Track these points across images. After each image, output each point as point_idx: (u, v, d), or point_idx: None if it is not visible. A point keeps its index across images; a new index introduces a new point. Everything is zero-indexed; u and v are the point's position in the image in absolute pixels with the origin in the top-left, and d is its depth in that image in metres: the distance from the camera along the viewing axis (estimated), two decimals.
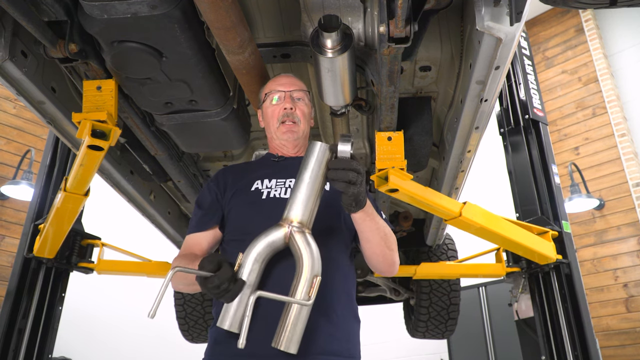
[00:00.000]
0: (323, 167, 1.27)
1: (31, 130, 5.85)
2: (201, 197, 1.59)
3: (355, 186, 1.23)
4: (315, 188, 1.26)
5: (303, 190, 1.26)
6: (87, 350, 6.45)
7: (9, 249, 5.34)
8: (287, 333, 1.17)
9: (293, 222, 1.25)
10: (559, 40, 7.00)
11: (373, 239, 1.43)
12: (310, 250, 1.22)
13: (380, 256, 1.47)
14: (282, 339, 1.16)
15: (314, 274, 1.20)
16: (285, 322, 1.18)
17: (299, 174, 1.28)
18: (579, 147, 6.44)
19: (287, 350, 1.16)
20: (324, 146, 1.29)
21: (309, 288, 1.18)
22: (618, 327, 5.59)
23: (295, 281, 1.21)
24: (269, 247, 1.24)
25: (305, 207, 1.25)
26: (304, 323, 1.19)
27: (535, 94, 3.29)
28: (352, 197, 1.26)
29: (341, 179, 1.22)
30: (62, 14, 1.47)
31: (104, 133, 1.72)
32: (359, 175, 1.24)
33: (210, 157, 2.76)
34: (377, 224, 1.41)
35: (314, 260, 1.22)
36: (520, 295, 3.14)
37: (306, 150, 1.31)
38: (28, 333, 2.61)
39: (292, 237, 1.24)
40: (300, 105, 1.65)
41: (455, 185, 2.54)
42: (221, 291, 1.14)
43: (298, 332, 1.18)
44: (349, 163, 1.23)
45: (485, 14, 1.44)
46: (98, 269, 3.05)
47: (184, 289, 1.44)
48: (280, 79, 1.70)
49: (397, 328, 5.62)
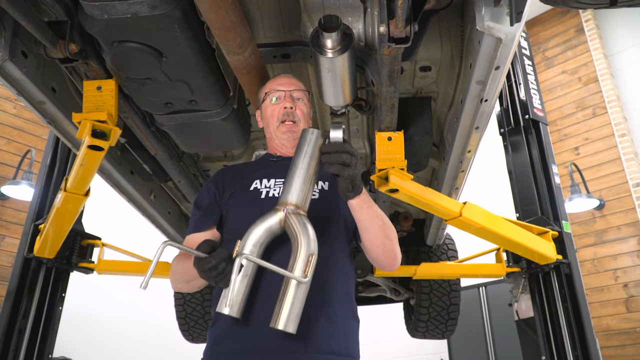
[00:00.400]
0: (317, 152, 1.28)
1: (31, 130, 5.86)
2: (200, 198, 1.59)
3: (350, 168, 1.24)
4: (309, 172, 1.27)
5: (296, 174, 1.27)
6: (87, 351, 6.45)
7: (9, 249, 5.35)
8: (286, 311, 1.15)
9: (288, 205, 1.25)
10: (559, 41, 7.00)
11: (371, 228, 1.42)
12: (305, 230, 1.22)
13: (380, 247, 1.46)
14: (280, 317, 1.14)
15: (310, 252, 1.20)
16: (283, 301, 1.16)
17: (292, 160, 1.30)
18: (579, 147, 6.44)
19: (286, 329, 1.14)
20: (316, 132, 1.30)
21: (305, 266, 1.18)
22: (618, 327, 5.59)
23: (292, 259, 1.20)
24: (266, 232, 1.24)
25: (300, 190, 1.26)
26: (302, 302, 1.17)
27: (536, 94, 3.29)
28: (348, 180, 1.26)
29: (335, 161, 1.22)
30: (62, 14, 1.47)
31: (104, 133, 1.72)
32: (353, 158, 1.25)
33: (211, 157, 2.76)
34: (374, 212, 1.41)
35: (310, 239, 1.21)
36: (521, 295, 3.14)
37: (299, 138, 1.32)
38: (28, 333, 2.62)
39: (288, 218, 1.24)
40: (300, 105, 1.65)
41: (455, 186, 2.54)
42: (218, 273, 1.15)
43: (296, 311, 1.16)
44: (341, 146, 1.24)
45: (485, 14, 1.44)
46: (98, 269, 3.05)
47: (183, 287, 1.44)
48: (280, 79, 1.70)
49: (397, 328, 5.61)
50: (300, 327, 1.24)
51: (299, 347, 1.27)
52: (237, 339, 1.28)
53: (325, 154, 1.25)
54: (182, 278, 1.40)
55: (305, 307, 1.18)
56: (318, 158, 1.28)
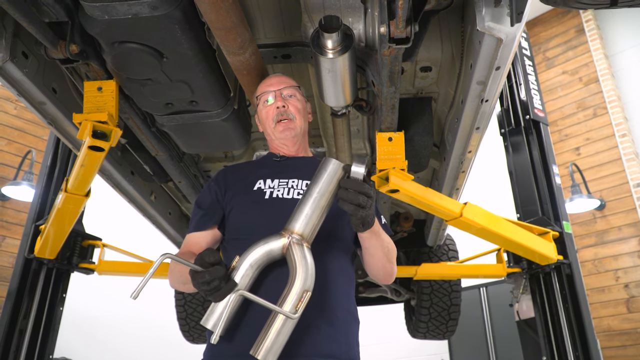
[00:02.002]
0: (334, 185, 1.26)
1: (32, 131, 5.86)
2: (201, 197, 1.58)
3: (364, 209, 1.23)
4: (322, 204, 1.25)
5: (309, 204, 1.25)
6: (87, 351, 6.45)
7: (10, 250, 5.35)
8: (268, 343, 1.13)
9: (294, 233, 1.23)
10: (559, 41, 7.00)
11: (376, 254, 1.45)
12: (305, 264, 1.20)
13: (381, 269, 1.50)
14: (261, 347, 1.13)
15: (305, 288, 1.17)
16: (268, 331, 1.14)
17: (308, 188, 1.28)
18: (579, 147, 6.43)
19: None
20: (337, 164, 1.27)
21: (298, 301, 1.15)
22: (619, 328, 5.59)
23: (286, 291, 1.18)
24: (266, 255, 1.23)
25: (308, 221, 1.24)
26: (286, 336, 1.15)
27: (536, 94, 3.29)
28: (360, 220, 1.26)
29: (351, 201, 1.21)
30: (63, 14, 1.47)
31: (104, 134, 1.72)
32: (369, 200, 1.23)
33: (211, 157, 2.76)
34: (382, 241, 1.43)
35: (308, 274, 1.19)
36: (521, 295, 3.13)
37: (319, 165, 1.29)
38: (29, 334, 2.62)
39: (290, 248, 1.22)
40: (292, 101, 1.65)
41: (456, 186, 2.54)
42: (211, 288, 1.13)
43: (278, 344, 1.14)
44: (360, 185, 1.22)
45: (485, 15, 1.44)
46: (99, 269, 3.05)
47: (180, 287, 1.44)
48: (269, 80, 1.70)
49: (398, 329, 5.61)
50: (301, 331, 1.24)
51: (300, 352, 1.26)
52: (237, 342, 1.28)
53: (342, 190, 1.23)
54: (179, 279, 1.39)
55: (307, 311, 1.17)
56: (334, 191, 1.26)
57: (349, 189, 1.22)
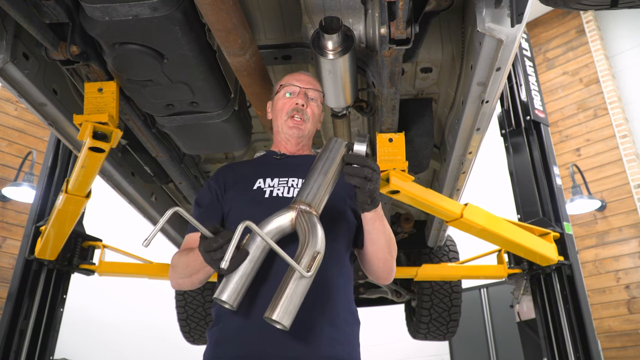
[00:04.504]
0: (338, 161, 1.28)
1: (32, 132, 5.86)
2: (201, 196, 1.57)
3: (371, 182, 1.24)
4: (328, 177, 1.27)
5: (315, 177, 1.27)
6: (88, 352, 6.45)
7: (11, 251, 5.35)
8: (283, 303, 1.09)
9: (302, 204, 1.24)
10: (560, 42, 7.00)
11: (379, 242, 1.43)
12: (315, 228, 1.20)
13: (382, 261, 1.48)
14: (275, 308, 1.09)
15: (317, 249, 1.17)
16: (282, 292, 1.11)
17: (313, 164, 1.30)
18: (580, 148, 6.43)
19: (281, 320, 1.08)
20: (339, 141, 1.30)
21: (310, 261, 1.14)
22: (620, 329, 5.58)
23: (298, 252, 1.17)
24: (276, 229, 1.23)
25: (316, 193, 1.25)
26: (300, 297, 1.12)
27: (537, 95, 3.29)
28: (368, 194, 1.27)
29: (357, 174, 1.23)
30: (64, 16, 1.47)
31: (105, 135, 1.73)
32: (375, 173, 1.25)
33: (212, 158, 2.77)
34: (385, 227, 1.42)
35: (318, 237, 1.19)
36: (522, 296, 3.13)
37: (324, 146, 1.32)
38: (29, 335, 2.62)
39: (299, 216, 1.23)
40: (312, 105, 1.64)
41: (456, 187, 2.54)
42: (224, 253, 1.10)
43: (294, 305, 1.11)
44: (364, 160, 1.24)
45: (486, 16, 1.44)
46: (99, 270, 3.05)
47: (184, 282, 1.41)
48: (299, 75, 1.68)
49: (399, 330, 5.61)
50: (303, 332, 1.23)
51: (301, 353, 1.26)
52: (238, 343, 1.27)
53: (348, 165, 1.25)
54: (183, 272, 1.38)
55: (308, 312, 1.17)
56: (339, 167, 1.28)
57: (353, 164, 1.24)
